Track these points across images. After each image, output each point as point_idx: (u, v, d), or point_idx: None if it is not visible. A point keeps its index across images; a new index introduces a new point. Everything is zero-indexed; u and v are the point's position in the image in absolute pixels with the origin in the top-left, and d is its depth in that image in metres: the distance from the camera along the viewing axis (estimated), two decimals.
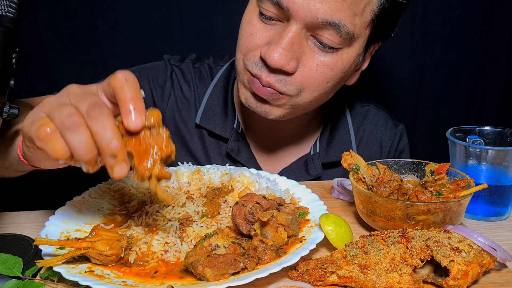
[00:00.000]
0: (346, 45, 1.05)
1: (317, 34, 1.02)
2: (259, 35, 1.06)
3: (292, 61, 1.03)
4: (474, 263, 0.73)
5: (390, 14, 1.08)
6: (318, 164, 1.31)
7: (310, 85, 1.07)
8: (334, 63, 1.06)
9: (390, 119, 1.42)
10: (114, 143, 0.67)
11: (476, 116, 1.97)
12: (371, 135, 1.39)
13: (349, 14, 0.99)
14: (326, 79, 1.08)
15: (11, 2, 0.78)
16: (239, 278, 0.72)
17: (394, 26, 1.15)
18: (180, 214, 0.92)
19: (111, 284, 0.72)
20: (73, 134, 0.67)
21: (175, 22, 1.76)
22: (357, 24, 1.02)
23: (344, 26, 1.00)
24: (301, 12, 0.98)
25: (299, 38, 1.02)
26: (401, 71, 1.90)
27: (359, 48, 1.09)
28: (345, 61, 1.07)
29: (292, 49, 1.02)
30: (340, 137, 1.35)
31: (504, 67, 1.91)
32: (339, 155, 1.30)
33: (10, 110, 0.84)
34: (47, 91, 1.83)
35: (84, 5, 1.72)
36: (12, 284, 0.75)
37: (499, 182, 1.01)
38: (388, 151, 1.40)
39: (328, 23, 0.99)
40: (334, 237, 0.83)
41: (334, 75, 1.08)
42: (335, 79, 1.10)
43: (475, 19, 1.84)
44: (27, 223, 1.02)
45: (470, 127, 1.10)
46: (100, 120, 0.67)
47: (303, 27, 1.01)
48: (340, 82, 1.15)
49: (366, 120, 1.40)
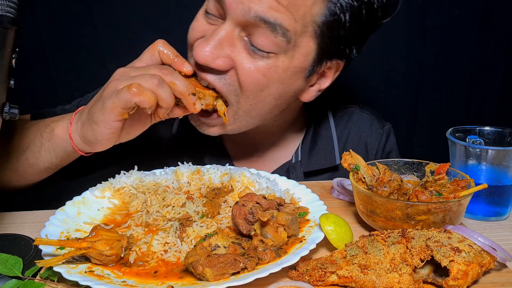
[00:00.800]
0: (281, 51, 1.01)
1: (251, 34, 0.99)
2: (198, 29, 1.06)
3: (221, 59, 1.01)
4: (474, 263, 0.73)
5: (342, 30, 1.03)
6: (300, 173, 1.29)
7: (244, 90, 1.04)
8: (267, 69, 1.02)
9: (376, 120, 1.38)
10: (190, 85, 1.00)
11: (476, 116, 1.97)
12: (356, 138, 1.35)
13: (287, 17, 0.97)
14: (259, 85, 1.04)
15: (11, 2, 0.78)
16: (239, 278, 0.72)
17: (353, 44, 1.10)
18: (180, 214, 0.92)
19: (111, 284, 0.72)
20: (161, 88, 0.94)
21: (175, 22, 1.76)
22: (297, 30, 0.99)
23: (281, 26, 0.97)
24: (234, 4, 0.97)
25: (231, 37, 1.00)
26: (401, 71, 1.90)
27: (300, 60, 1.04)
28: (280, 70, 1.03)
29: (221, 47, 1.00)
30: (323, 144, 1.31)
31: (504, 67, 1.91)
32: (321, 163, 1.29)
33: (10, 110, 0.84)
34: (47, 91, 1.84)
35: (84, 5, 1.72)
36: (12, 284, 0.75)
37: (499, 182, 1.01)
38: (374, 154, 1.36)
39: (261, 19, 0.96)
40: (334, 237, 0.83)
41: (268, 82, 1.04)
42: (271, 89, 1.05)
43: (474, 19, 1.84)
44: (27, 223, 1.02)
45: (470, 127, 1.10)
46: (172, 75, 0.98)
47: (236, 25, 1.00)
48: (285, 96, 1.10)
49: (350, 122, 1.36)
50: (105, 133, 0.97)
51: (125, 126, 1.01)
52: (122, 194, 1.02)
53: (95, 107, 0.97)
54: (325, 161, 1.30)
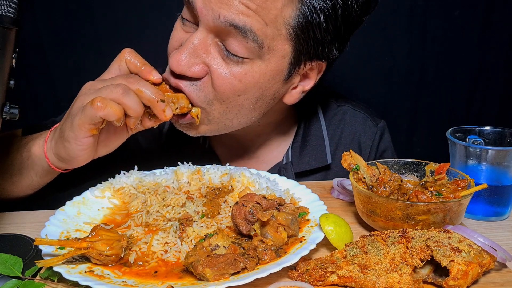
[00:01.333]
0: (256, 56, 0.99)
1: (224, 40, 0.98)
2: (176, 38, 1.06)
3: (196, 66, 1.00)
4: (474, 263, 0.73)
5: (317, 31, 1.02)
6: (291, 173, 1.27)
7: (219, 94, 1.03)
8: (243, 75, 1.01)
9: (369, 118, 1.36)
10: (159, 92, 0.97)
11: (476, 116, 1.97)
12: (349, 137, 1.33)
13: (257, 21, 0.95)
14: (236, 91, 1.02)
15: (11, 2, 0.78)
16: (239, 278, 0.72)
17: (332, 45, 1.07)
18: (180, 214, 0.92)
19: (111, 284, 0.72)
20: (126, 97, 0.91)
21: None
22: (268, 34, 0.97)
23: (251, 32, 0.95)
24: (205, 10, 0.96)
25: (205, 43, 0.99)
26: (401, 71, 1.90)
27: (277, 63, 1.03)
28: (257, 75, 1.02)
29: (196, 54, 0.99)
30: (314, 143, 1.29)
31: (504, 67, 1.91)
32: (312, 163, 1.28)
33: (10, 110, 0.84)
34: (47, 91, 1.84)
35: (84, 5, 1.72)
36: (12, 284, 0.75)
37: (499, 182, 1.01)
38: (368, 153, 1.34)
39: (231, 25, 0.95)
40: (334, 237, 0.83)
41: (244, 88, 1.02)
42: (248, 93, 1.04)
43: (474, 19, 1.84)
44: (27, 223, 1.02)
45: (470, 127, 1.10)
46: (139, 83, 0.95)
47: (209, 31, 0.99)
48: (263, 99, 1.08)
49: (343, 121, 1.34)
50: (77, 149, 0.96)
51: (101, 140, 1.00)
52: (122, 194, 1.02)
53: (65, 124, 0.96)
54: (316, 161, 1.29)
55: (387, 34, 1.83)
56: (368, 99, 1.88)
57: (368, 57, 1.85)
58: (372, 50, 1.84)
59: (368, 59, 1.86)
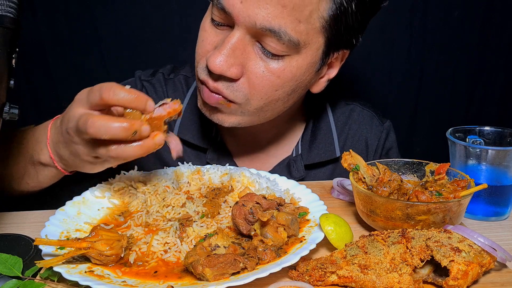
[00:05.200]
0: (293, 52, 1.01)
1: (261, 40, 1.00)
2: (209, 40, 1.06)
3: (234, 67, 1.01)
4: (474, 263, 0.73)
5: (348, 20, 1.04)
6: (301, 166, 1.29)
7: (257, 92, 1.04)
8: (281, 71, 1.03)
9: (376, 117, 1.39)
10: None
11: (476, 116, 1.97)
12: (356, 134, 1.36)
13: (291, 21, 0.96)
14: (273, 86, 1.05)
15: (11, 2, 0.78)
16: (239, 278, 0.72)
17: (359, 32, 1.11)
18: (180, 214, 0.92)
19: (111, 284, 0.72)
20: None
21: (175, 22, 1.76)
22: (303, 31, 0.99)
23: (286, 34, 0.97)
24: (241, 17, 0.97)
25: (242, 44, 1.01)
26: (401, 71, 1.90)
27: (312, 56, 1.05)
28: (294, 69, 1.04)
29: (235, 55, 1.00)
30: (323, 137, 1.32)
31: (504, 67, 1.91)
32: (321, 156, 1.31)
33: (10, 110, 0.84)
34: (47, 91, 1.84)
35: (84, 5, 1.72)
36: (12, 284, 0.75)
37: (499, 182, 1.01)
38: (375, 150, 1.37)
39: (267, 29, 0.96)
40: (334, 237, 0.83)
41: (282, 83, 1.05)
42: (285, 87, 1.06)
43: (474, 19, 1.84)
44: (27, 223, 1.02)
45: (470, 127, 1.10)
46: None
47: (246, 32, 1.00)
48: (297, 90, 1.11)
49: (351, 119, 1.37)
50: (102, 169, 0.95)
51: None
52: (122, 194, 1.02)
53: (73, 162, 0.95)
54: (325, 154, 1.31)
55: (387, 34, 1.83)
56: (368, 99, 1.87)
57: (368, 57, 1.85)
58: (372, 50, 1.83)
59: (368, 59, 1.86)
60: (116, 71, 1.74)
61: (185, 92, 1.35)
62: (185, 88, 1.35)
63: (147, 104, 0.85)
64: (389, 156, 1.39)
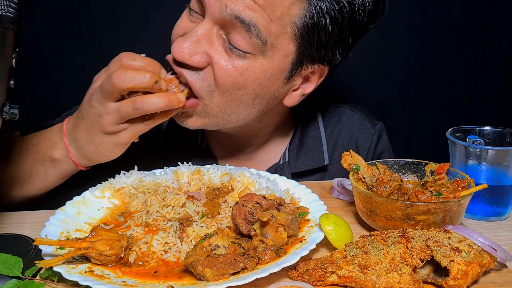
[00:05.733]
0: (258, 52, 1.00)
1: (228, 33, 0.99)
2: (180, 26, 1.08)
3: (197, 56, 1.01)
4: (474, 263, 0.73)
5: (322, 35, 1.02)
6: (287, 174, 1.27)
7: (220, 86, 1.03)
8: (244, 69, 1.01)
9: (367, 119, 1.35)
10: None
11: (476, 116, 1.97)
12: (346, 138, 1.33)
13: (263, 17, 0.96)
14: (236, 84, 1.03)
15: (11, 2, 0.78)
16: (239, 278, 0.72)
17: (334, 48, 1.07)
18: (180, 214, 0.92)
19: (111, 284, 0.72)
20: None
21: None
22: (273, 31, 0.98)
23: (255, 27, 0.96)
24: (212, 2, 0.97)
25: (209, 35, 1.01)
26: (401, 71, 1.90)
27: (279, 62, 1.03)
28: (258, 70, 1.02)
29: (199, 44, 1.00)
30: (310, 144, 1.29)
31: (504, 67, 1.91)
32: (309, 163, 1.28)
33: (10, 110, 0.84)
34: (47, 91, 1.84)
35: (84, 5, 1.72)
36: (12, 284, 0.75)
37: (499, 182, 1.01)
38: (366, 154, 1.34)
39: (236, 18, 0.96)
40: (334, 237, 0.83)
41: (244, 82, 1.03)
42: (247, 88, 1.04)
43: (474, 19, 1.84)
44: (27, 223, 1.02)
45: (470, 127, 1.10)
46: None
47: (215, 23, 1.00)
48: (262, 96, 1.08)
49: (340, 122, 1.34)
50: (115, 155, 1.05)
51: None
52: (122, 194, 1.02)
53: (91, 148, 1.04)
54: (312, 162, 1.29)
55: (387, 34, 1.83)
56: (368, 99, 1.88)
57: (368, 57, 1.85)
58: (372, 50, 1.83)
59: (368, 59, 1.86)
60: None
61: None
62: None
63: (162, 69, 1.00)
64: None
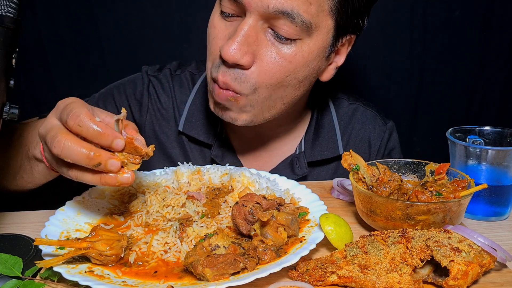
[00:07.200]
0: (305, 35, 1.02)
1: (273, 25, 1.01)
2: (220, 35, 1.06)
3: (248, 54, 1.02)
4: (474, 263, 0.73)
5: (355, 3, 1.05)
6: (303, 163, 1.30)
7: (267, 80, 1.05)
8: (293, 56, 1.03)
9: (379, 117, 1.40)
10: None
11: (476, 116, 1.97)
12: (359, 134, 1.37)
13: (303, 2, 0.98)
14: (285, 72, 1.05)
15: (11, 2, 0.78)
16: (239, 278, 0.72)
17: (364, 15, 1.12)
18: (180, 214, 0.92)
19: (111, 284, 0.72)
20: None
21: (175, 22, 1.76)
22: (313, 12, 1.00)
23: (298, 15, 0.98)
24: (253, 3, 0.98)
25: (254, 31, 1.01)
26: (401, 71, 1.90)
27: (323, 40, 1.06)
28: (306, 54, 1.05)
29: (247, 42, 1.01)
30: (326, 135, 1.33)
31: (504, 67, 1.91)
32: (324, 153, 1.32)
33: (10, 110, 0.84)
34: (47, 91, 1.84)
35: (84, 5, 1.72)
36: (12, 284, 0.75)
37: (499, 182, 1.01)
38: (377, 150, 1.38)
39: (280, 12, 0.97)
40: (334, 237, 0.83)
41: (294, 68, 1.05)
42: (296, 73, 1.07)
43: (475, 19, 1.84)
44: (27, 223, 1.02)
45: (470, 127, 1.10)
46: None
47: (258, 19, 1.01)
48: (308, 78, 1.11)
49: (354, 118, 1.38)
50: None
51: None
52: (122, 194, 1.02)
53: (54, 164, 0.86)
54: (328, 152, 1.32)
55: (388, 34, 1.83)
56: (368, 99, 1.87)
57: (368, 56, 1.85)
58: (372, 49, 1.84)
59: (369, 59, 1.86)
60: (116, 71, 1.74)
61: (191, 88, 1.35)
62: (191, 84, 1.36)
63: (113, 142, 0.78)
64: (392, 157, 1.40)
